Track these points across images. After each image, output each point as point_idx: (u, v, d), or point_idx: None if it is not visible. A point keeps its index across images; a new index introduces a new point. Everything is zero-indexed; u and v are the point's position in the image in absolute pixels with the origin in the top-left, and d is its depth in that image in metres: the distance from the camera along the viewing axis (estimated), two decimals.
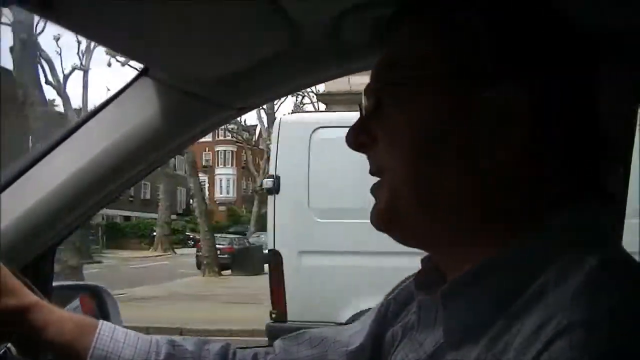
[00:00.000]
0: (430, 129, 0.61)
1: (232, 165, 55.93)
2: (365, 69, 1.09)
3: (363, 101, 0.68)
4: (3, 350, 0.96)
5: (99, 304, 1.43)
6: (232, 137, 40.60)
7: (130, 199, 41.10)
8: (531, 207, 0.60)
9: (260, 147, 32.83)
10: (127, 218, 42.01)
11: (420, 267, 0.73)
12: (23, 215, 1.03)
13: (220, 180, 55.21)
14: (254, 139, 36.34)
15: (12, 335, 0.83)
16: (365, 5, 0.86)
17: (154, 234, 31.62)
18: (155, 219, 35.71)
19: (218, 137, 50.69)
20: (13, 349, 0.95)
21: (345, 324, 1.04)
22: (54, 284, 1.22)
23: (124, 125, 1.03)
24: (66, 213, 1.07)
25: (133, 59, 0.95)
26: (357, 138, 0.67)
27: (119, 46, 0.91)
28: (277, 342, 0.92)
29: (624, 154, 1.00)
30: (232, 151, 55.18)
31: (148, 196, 45.41)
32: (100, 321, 0.86)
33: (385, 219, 0.64)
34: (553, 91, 0.59)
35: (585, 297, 0.50)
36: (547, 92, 0.59)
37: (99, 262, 24.29)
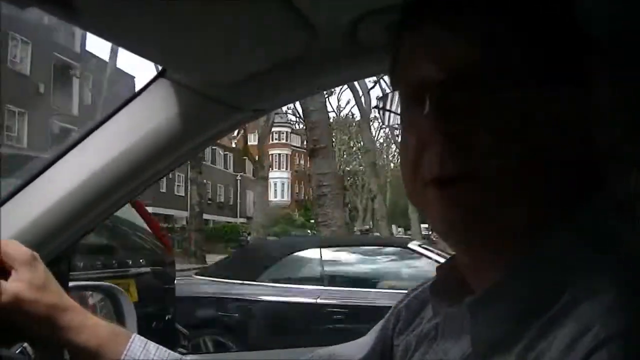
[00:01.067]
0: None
1: (286, 168, 56.17)
2: (382, 72, 1.09)
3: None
4: (20, 350, 0.97)
5: (115, 305, 1.44)
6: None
7: (209, 202, 39.90)
8: (553, 214, 0.59)
9: None
10: (206, 222, 41.26)
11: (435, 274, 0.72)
12: (41, 216, 1.04)
13: (275, 184, 55.12)
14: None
15: (29, 334, 0.84)
16: (382, 9, 0.86)
17: (249, 238, 29.55)
18: (230, 222, 35.29)
19: (272, 140, 50.81)
20: (29, 349, 0.95)
21: None
22: (70, 284, 1.24)
23: (141, 127, 1.04)
24: (84, 214, 1.08)
25: (151, 60, 0.96)
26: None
27: (137, 48, 0.91)
28: None
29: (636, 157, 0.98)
30: (286, 154, 55.43)
31: (222, 199, 45.75)
32: (134, 334, 0.87)
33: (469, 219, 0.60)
34: (567, 97, 0.59)
35: (621, 308, 0.49)
36: (560, 97, 0.59)
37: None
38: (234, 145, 42.08)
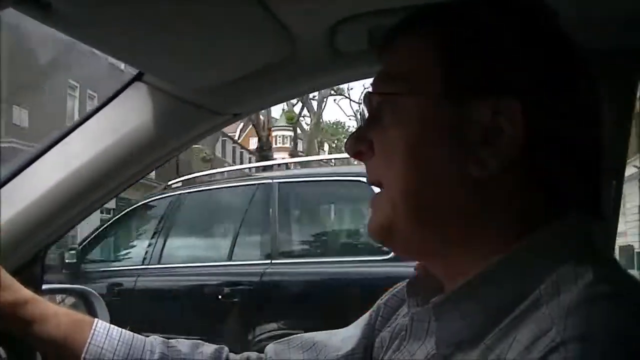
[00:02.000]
0: (421, 141, 0.62)
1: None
2: (362, 77, 1.10)
3: (364, 110, 0.69)
4: None
5: (88, 307, 1.42)
6: None
7: None
8: (524, 218, 0.60)
9: None
10: None
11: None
12: (14, 217, 1.02)
13: None
14: None
15: (3, 338, 0.83)
16: (361, 16, 0.87)
17: None
18: None
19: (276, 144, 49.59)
20: (3, 353, 0.94)
21: None
22: (44, 287, 1.22)
23: (118, 129, 1.03)
24: (58, 216, 1.06)
25: (128, 63, 0.95)
26: (355, 146, 0.68)
27: (115, 51, 0.91)
28: (269, 347, 0.92)
29: (617, 168, 1.00)
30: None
31: None
32: (96, 319, 0.86)
33: (382, 231, 0.65)
34: (546, 105, 0.60)
35: (579, 313, 0.50)
36: (540, 105, 0.60)
37: None
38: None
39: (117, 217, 5.90)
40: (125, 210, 5.77)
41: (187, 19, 0.79)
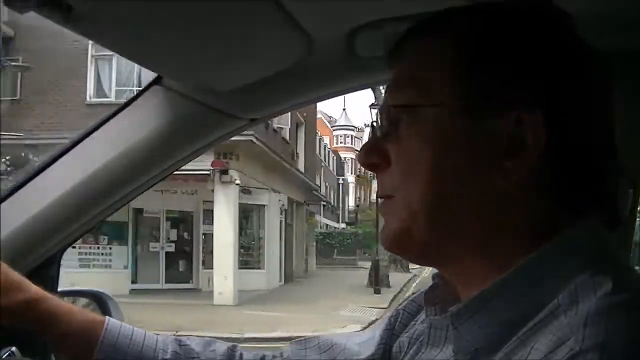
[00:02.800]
0: (443, 153, 0.61)
1: (350, 173, 55.36)
2: (380, 83, 1.09)
3: (377, 119, 0.68)
4: (7, 353, 0.96)
5: (103, 310, 1.43)
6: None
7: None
8: (541, 226, 0.60)
9: None
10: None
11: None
12: (31, 219, 1.03)
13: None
14: None
15: (17, 338, 0.84)
16: (379, 22, 0.87)
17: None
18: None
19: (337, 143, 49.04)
20: (17, 352, 0.95)
21: None
22: (59, 289, 1.23)
23: (136, 133, 1.04)
24: (74, 218, 1.07)
25: (147, 67, 0.96)
26: (369, 158, 0.67)
27: (134, 54, 0.91)
28: (287, 347, 0.92)
29: (634, 177, 0.99)
30: (351, 158, 54.17)
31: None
32: (107, 317, 0.86)
33: (400, 240, 0.64)
34: (566, 113, 0.59)
35: (598, 322, 0.50)
36: (561, 114, 0.59)
37: None
38: None
39: None
40: None
41: (206, 23, 0.79)
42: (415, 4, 0.79)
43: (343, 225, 43.36)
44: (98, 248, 15.70)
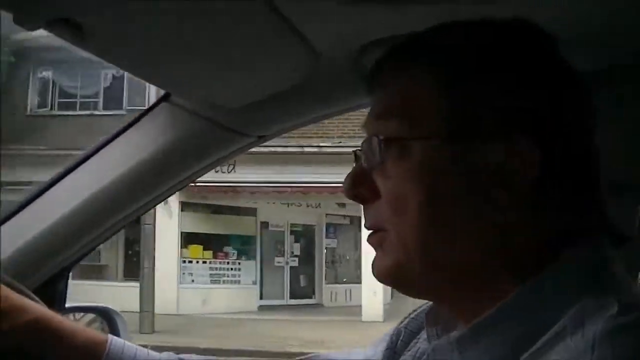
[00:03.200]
0: (434, 186, 0.59)
1: None
2: None
3: (363, 148, 0.65)
4: None
5: (110, 325, 1.43)
6: None
7: None
8: (540, 251, 0.59)
9: None
10: None
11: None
12: (39, 235, 1.03)
13: None
14: None
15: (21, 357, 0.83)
16: (388, 39, 0.87)
17: None
18: None
19: None
20: None
21: None
22: (67, 305, 1.23)
23: (143, 150, 1.04)
24: (82, 235, 1.07)
25: (155, 84, 0.96)
26: (356, 190, 0.65)
27: (143, 72, 0.92)
28: None
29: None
30: None
31: None
32: (110, 336, 0.86)
33: (395, 276, 0.63)
34: (556, 137, 0.59)
35: (605, 345, 0.49)
36: (551, 138, 0.58)
37: None
38: None
39: None
40: None
41: (214, 40, 0.80)
42: (426, 20, 0.79)
43: None
44: (227, 263, 14.90)
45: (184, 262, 13.91)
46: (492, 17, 0.62)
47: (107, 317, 1.44)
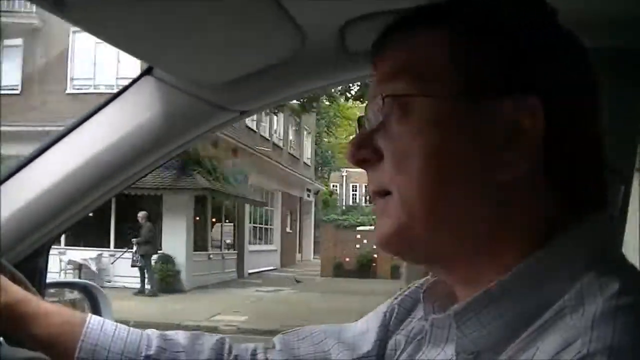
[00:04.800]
0: (440, 144, 0.58)
1: None
2: (370, 76, 1.10)
3: (367, 113, 0.65)
4: None
5: (91, 301, 1.43)
6: None
7: None
8: (543, 222, 0.59)
9: None
10: None
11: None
12: (19, 211, 1.02)
13: None
14: None
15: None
16: (372, 15, 0.87)
17: None
18: None
19: None
20: (4, 343, 0.94)
21: None
22: (48, 281, 1.22)
23: (126, 124, 1.03)
24: (63, 210, 1.06)
25: (138, 57, 0.95)
26: (359, 154, 0.64)
27: (125, 44, 0.91)
28: (277, 338, 0.90)
29: (625, 173, 1.00)
30: None
31: None
32: (89, 314, 0.84)
33: (396, 239, 0.61)
34: (563, 102, 0.59)
35: (605, 324, 0.49)
36: (558, 103, 0.58)
37: None
38: None
39: None
40: None
41: (198, 15, 0.79)
42: None
43: None
44: None
45: None
46: None
47: (87, 293, 1.44)
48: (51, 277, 1.26)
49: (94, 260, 15.35)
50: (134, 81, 1.03)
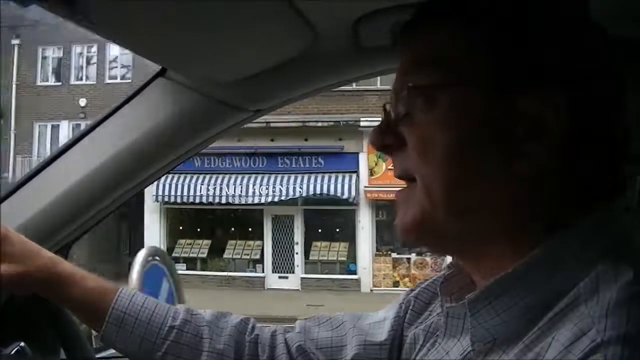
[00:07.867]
0: (463, 134, 0.59)
1: None
2: (383, 73, 1.09)
3: (391, 101, 0.66)
4: (16, 349, 0.96)
5: None
6: None
7: None
8: (560, 212, 0.59)
9: None
10: None
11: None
12: (38, 213, 1.04)
13: None
14: None
15: (26, 334, 0.84)
16: (384, 11, 0.86)
17: None
18: None
19: None
20: (26, 348, 0.95)
21: None
22: None
23: (140, 126, 1.04)
24: (81, 212, 1.07)
25: (151, 60, 0.95)
26: (382, 140, 0.65)
27: (138, 47, 0.91)
28: (299, 322, 0.92)
29: None
30: None
31: None
32: (121, 287, 0.88)
33: (418, 226, 0.62)
34: (586, 98, 0.58)
35: (619, 313, 0.49)
36: (582, 97, 0.58)
37: None
38: None
39: None
40: None
41: (210, 14, 0.79)
42: None
43: None
44: None
45: None
46: None
47: None
48: None
49: None
50: (148, 83, 1.03)
